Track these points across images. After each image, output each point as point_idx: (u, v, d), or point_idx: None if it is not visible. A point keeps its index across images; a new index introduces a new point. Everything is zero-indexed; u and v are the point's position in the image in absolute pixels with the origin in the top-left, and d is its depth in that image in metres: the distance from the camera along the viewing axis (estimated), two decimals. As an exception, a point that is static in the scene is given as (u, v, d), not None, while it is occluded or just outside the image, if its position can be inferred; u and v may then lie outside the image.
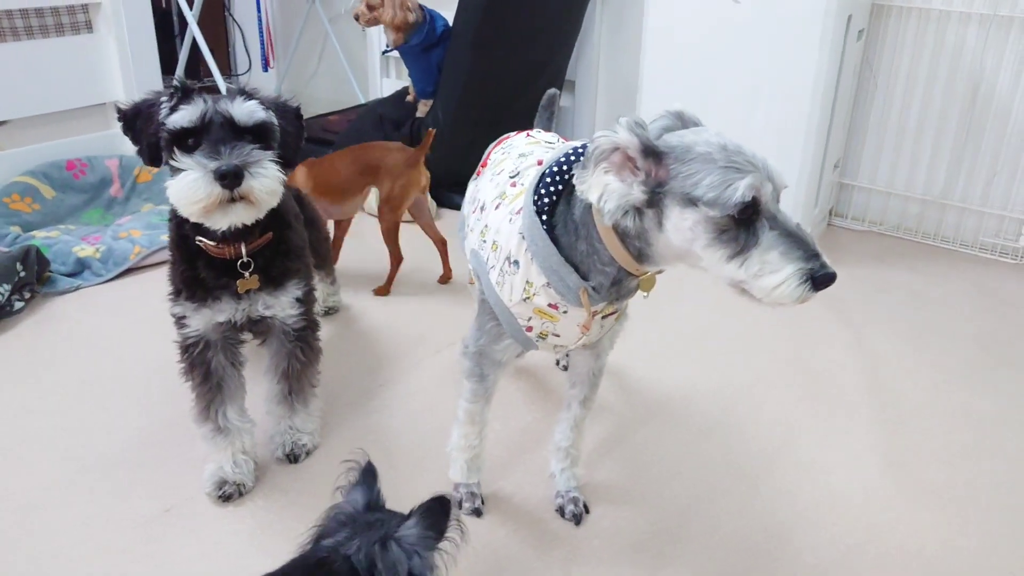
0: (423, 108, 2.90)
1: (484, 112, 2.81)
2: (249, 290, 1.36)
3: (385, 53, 3.31)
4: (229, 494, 1.44)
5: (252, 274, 1.35)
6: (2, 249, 2.21)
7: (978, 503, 1.50)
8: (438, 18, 2.81)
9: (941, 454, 1.64)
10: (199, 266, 1.34)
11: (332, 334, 2.03)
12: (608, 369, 1.43)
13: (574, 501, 1.44)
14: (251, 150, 1.22)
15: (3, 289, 2.01)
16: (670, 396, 1.81)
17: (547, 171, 1.14)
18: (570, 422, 1.43)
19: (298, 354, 1.48)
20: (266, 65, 4.09)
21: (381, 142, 2.30)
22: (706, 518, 1.45)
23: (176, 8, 3.91)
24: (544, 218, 1.12)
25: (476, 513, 1.43)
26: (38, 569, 1.29)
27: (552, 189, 1.13)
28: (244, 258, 1.33)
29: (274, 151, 1.27)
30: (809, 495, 1.51)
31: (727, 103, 2.40)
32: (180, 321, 1.38)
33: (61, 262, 2.25)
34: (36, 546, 1.34)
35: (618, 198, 1.00)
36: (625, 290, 1.15)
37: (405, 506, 1.01)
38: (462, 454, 1.43)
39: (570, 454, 1.46)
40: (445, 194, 2.87)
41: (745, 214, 0.96)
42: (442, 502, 0.97)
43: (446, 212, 2.86)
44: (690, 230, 0.98)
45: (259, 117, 1.24)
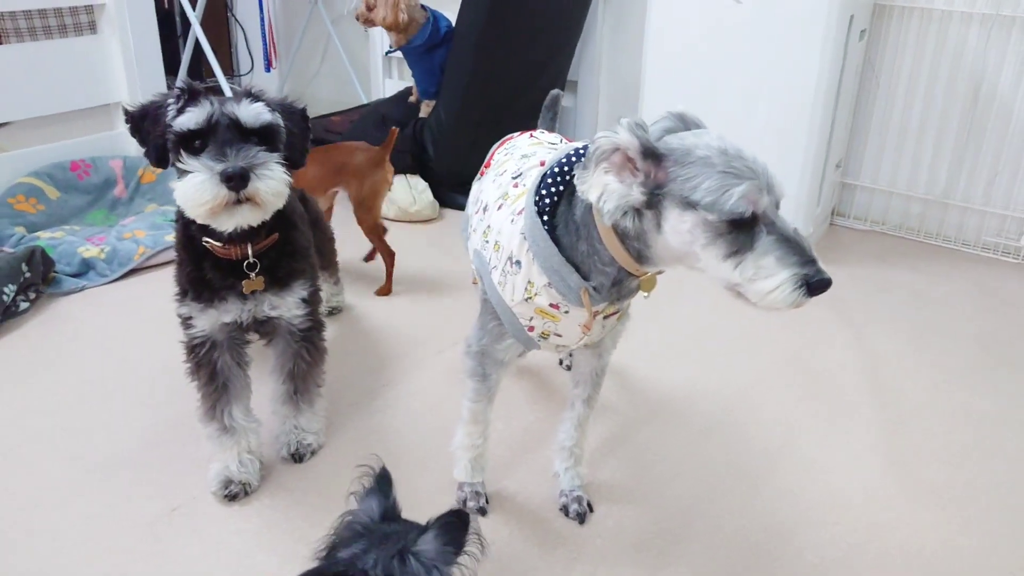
0: (426, 109, 2.91)
1: (487, 112, 2.82)
2: (255, 291, 1.37)
3: (388, 54, 3.32)
4: (235, 493, 1.44)
5: (258, 275, 1.36)
6: (7, 250, 2.23)
7: (979, 503, 1.51)
8: (441, 19, 2.82)
9: (942, 454, 1.65)
10: (205, 267, 1.34)
11: (336, 334, 2.04)
12: (610, 369, 1.43)
13: (578, 500, 1.44)
14: (257, 152, 1.23)
15: (9, 290, 2.02)
16: (672, 396, 1.82)
17: (549, 172, 1.15)
18: (574, 421, 1.44)
19: (303, 354, 1.49)
20: (268, 66, 4.09)
21: (345, 143, 2.28)
22: (708, 517, 1.46)
23: (179, 8, 3.92)
24: (545, 218, 1.13)
25: (481, 512, 1.44)
26: (43, 569, 1.30)
27: (553, 190, 1.14)
28: (250, 259, 1.34)
29: (280, 153, 1.28)
30: (810, 494, 1.52)
31: (729, 103, 2.40)
32: (186, 321, 1.39)
33: (66, 262, 2.26)
34: (41, 545, 1.35)
35: (617, 199, 1.00)
36: (626, 290, 1.16)
37: (410, 505, 1.01)
38: (466, 453, 1.43)
39: (574, 453, 1.46)
40: (448, 194, 2.88)
41: (743, 219, 0.96)
42: (461, 516, 0.95)
43: (449, 212, 2.86)
44: (688, 232, 0.99)
45: (265, 119, 1.25)
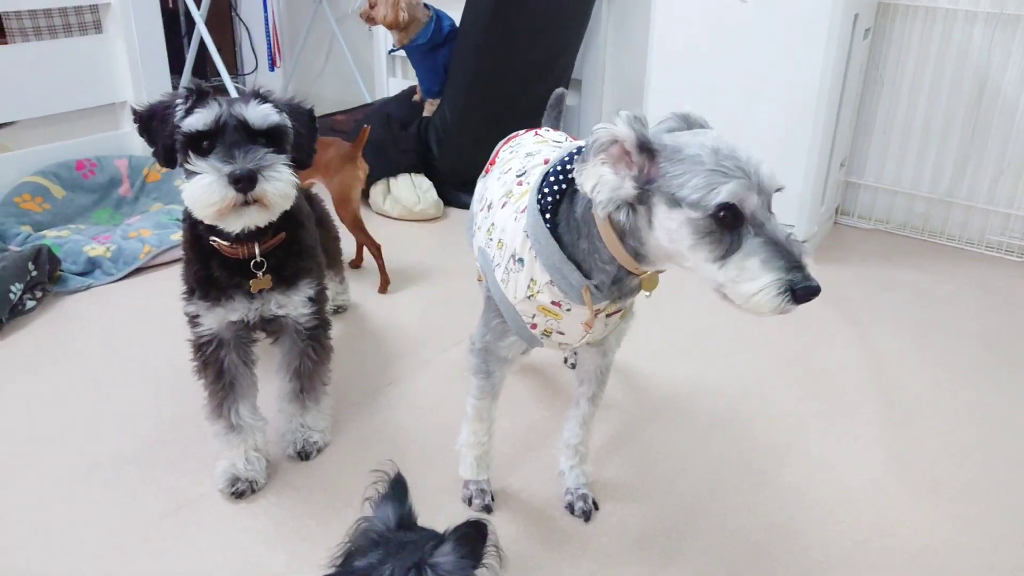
0: (430, 108, 2.92)
1: (490, 111, 2.82)
2: (262, 289, 1.37)
3: (392, 53, 3.32)
4: (242, 491, 1.45)
5: (265, 274, 1.36)
6: (14, 248, 2.24)
7: (981, 501, 1.51)
8: (444, 18, 2.82)
9: (945, 452, 1.65)
10: (213, 265, 1.35)
11: (340, 333, 2.04)
12: (614, 367, 1.44)
13: (583, 498, 1.45)
14: (265, 154, 1.23)
15: (15, 288, 2.03)
16: (676, 394, 1.83)
17: (551, 170, 1.15)
18: (578, 419, 1.45)
19: (310, 352, 1.49)
20: (272, 65, 4.10)
21: (320, 138, 2.29)
22: (712, 515, 1.46)
23: (183, 8, 3.92)
24: (548, 216, 1.14)
25: (486, 510, 1.44)
26: (50, 566, 1.31)
27: (556, 188, 1.14)
28: (257, 258, 1.34)
29: (287, 154, 1.29)
30: (815, 492, 1.52)
31: (734, 102, 2.40)
32: (193, 320, 1.40)
33: (72, 261, 2.27)
34: (48, 542, 1.35)
35: (610, 191, 1.01)
36: (627, 289, 1.16)
37: (416, 503, 1.01)
38: (471, 451, 1.44)
39: (579, 451, 1.47)
40: (452, 193, 2.88)
41: (727, 218, 0.95)
42: (478, 527, 0.94)
43: (453, 211, 2.87)
44: (675, 231, 0.99)
45: (273, 120, 1.26)
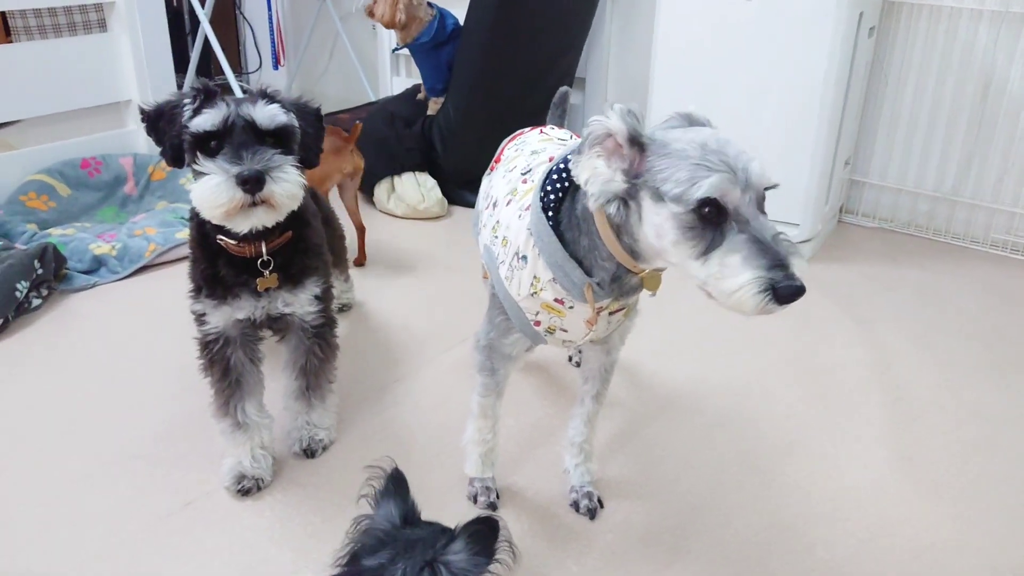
0: (434, 106, 2.92)
1: (495, 110, 2.82)
2: (268, 288, 1.38)
3: (396, 51, 3.32)
4: (248, 488, 1.46)
5: (272, 272, 1.37)
6: (19, 247, 2.24)
7: (984, 500, 1.51)
8: (448, 16, 2.82)
9: (950, 451, 1.65)
10: (219, 264, 1.36)
11: (346, 331, 2.05)
12: (619, 365, 1.44)
13: (588, 496, 1.45)
14: (272, 155, 1.24)
15: (21, 286, 2.04)
16: (680, 392, 1.83)
17: (554, 168, 1.16)
18: (583, 417, 1.45)
19: (316, 351, 1.50)
20: (277, 63, 4.10)
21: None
22: (717, 512, 1.46)
23: (188, 6, 3.93)
24: (550, 214, 1.14)
25: (491, 507, 1.45)
26: (57, 562, 1.32)
27: (559, 186, 1.14)
28: (264, 257, 1.35)
29: (295, 155, 1.29)
30: (820, 490, 1.53)
31: (738, 100, 2.40)
32: (200, 318, 1.41)
33: (78, 259, 2.28)
34: (55, 539, 1.36)
35: (601, 183, 1.01)
36: (627, 287, 1.16)
37: (422, 501, 1.00)
38: (476, 448, 1.45)
39: (584, 449, 1.47)
40: (456, 191, 2.89)
41: (710, 214, 0.94)
42: (490, 523, 0.93)
43: (457, 210, 2.87)
44: (660, 225, 0.98)
45: (280, 121, 1.26)
